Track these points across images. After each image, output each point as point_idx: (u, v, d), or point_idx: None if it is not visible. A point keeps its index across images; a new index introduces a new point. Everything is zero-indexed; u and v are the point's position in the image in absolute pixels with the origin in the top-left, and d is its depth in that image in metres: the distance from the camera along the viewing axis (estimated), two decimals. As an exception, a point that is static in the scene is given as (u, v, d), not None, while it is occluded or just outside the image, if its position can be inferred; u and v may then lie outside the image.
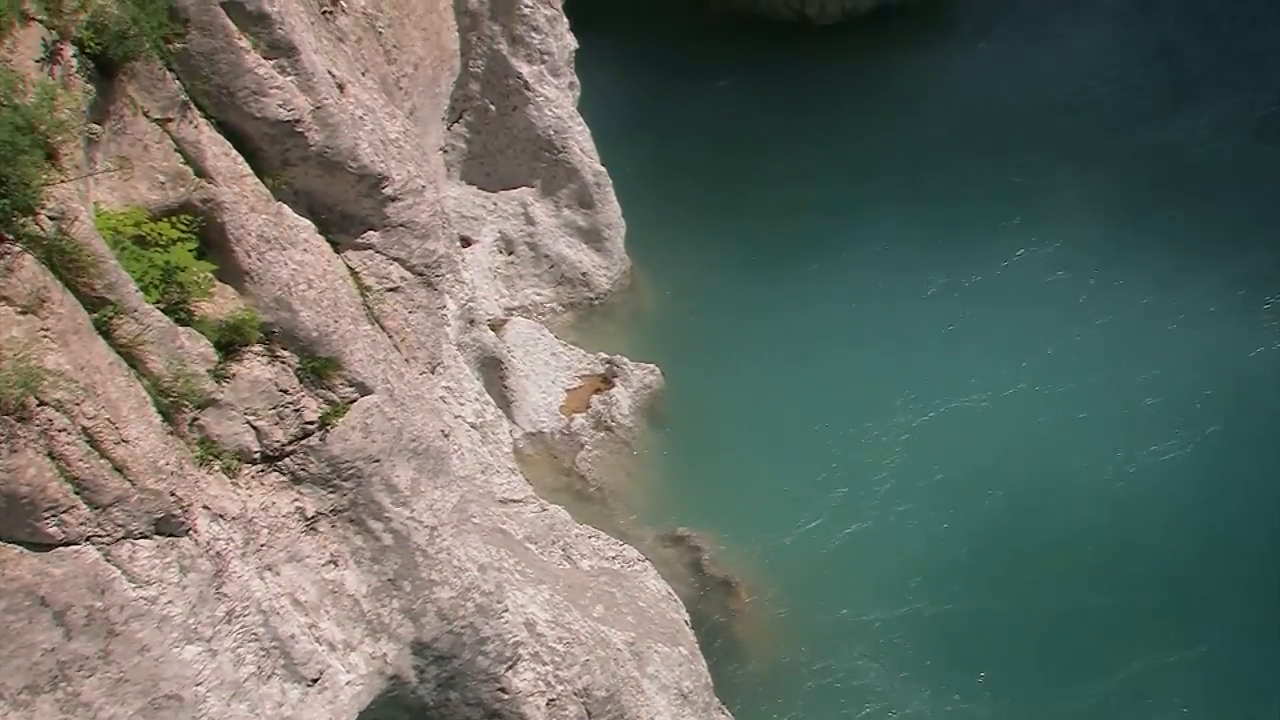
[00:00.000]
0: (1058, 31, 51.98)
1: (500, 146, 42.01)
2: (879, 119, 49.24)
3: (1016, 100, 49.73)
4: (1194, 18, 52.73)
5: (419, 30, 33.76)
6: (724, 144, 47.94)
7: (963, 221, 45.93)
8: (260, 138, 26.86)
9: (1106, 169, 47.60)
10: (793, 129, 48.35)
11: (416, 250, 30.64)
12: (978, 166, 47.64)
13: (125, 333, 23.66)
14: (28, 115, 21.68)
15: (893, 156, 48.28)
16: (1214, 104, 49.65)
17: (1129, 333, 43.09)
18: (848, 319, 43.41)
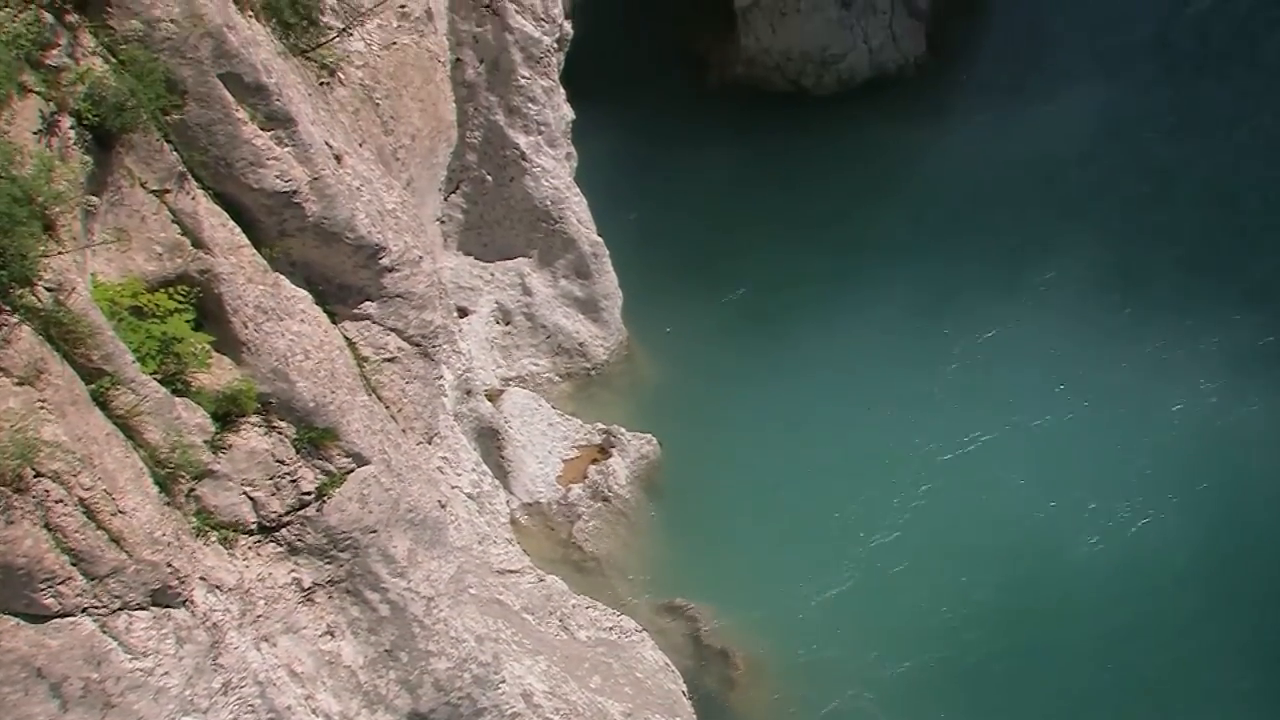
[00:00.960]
0: (1054, 99, 52.14)
1: (497, 217, 42.09)
2: (875, 188, 49.37)
3: (1012, 169, 49.86)
4: (1194, 83, 52.85)
5: (416, 102, 33.85)
6: (721, 214, 48.02)
7: (959, 290, 45.96)
8: (258, 208, 26.91)
9: (1104, 236, 47.67)
10: (790, 199, 48.45)
11: (414, 321, 30.65)
12: (973, 235, 47.71)
13: (122, 403, 23.66)
14: (25, 187, 21.72)
15: (889, 225, 48.37)
16: (1213, 172, 49.73)
17: (1125, 399, 43.07)
18: (845, 387, 43.39)
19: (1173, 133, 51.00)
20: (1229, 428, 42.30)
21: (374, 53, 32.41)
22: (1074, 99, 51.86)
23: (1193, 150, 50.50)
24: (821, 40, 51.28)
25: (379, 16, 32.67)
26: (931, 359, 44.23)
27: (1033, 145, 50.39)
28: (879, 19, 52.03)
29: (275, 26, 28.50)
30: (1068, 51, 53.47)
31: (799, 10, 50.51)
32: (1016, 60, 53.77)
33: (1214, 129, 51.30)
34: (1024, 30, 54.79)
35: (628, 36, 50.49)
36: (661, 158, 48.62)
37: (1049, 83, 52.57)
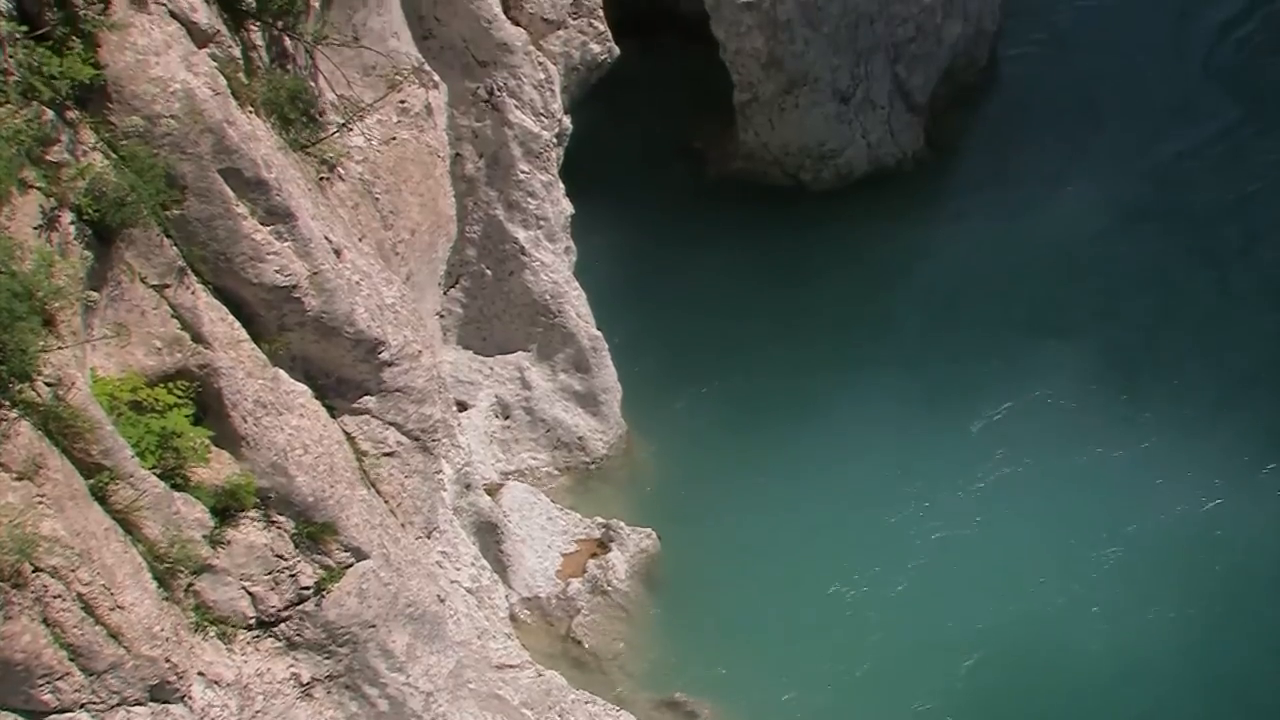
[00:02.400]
0: (1052, 196, 52.23)
1: (497, 311, 42.15)
2: (874, 283, 49.41)
3: (1011, 264, 49.90)
4: (1198, 185, 53.01)
5: (416, 196, 34.00)
6: (720, 308, 48.05)
7: (959, 383, 45.96)
8: (257, 303, 26.98)
9: (1103, 332, 47.69)
10: (788, 293, 48.51)
11: (413, 415, 30.69)
12: (972, 330, 47.73)
13: (121, 498, 23.67)
14: (26, 282, 21.79)
15: (888, 320, 48.42)
16: (1214, 266, 49.83)
17: (1124, 492, 43.01)
18: (844, 482, 43.32)
19: (1169, 227, 51.10)
20: (1231, 523, 42.21)
21: (374, 148, 32.57)
22: (1072, 196, 52.00)
23: (1190, 244, 50.62)
24: (819, 135, 51.48)
25: (379, 112, 32.86)
26: (932, 451, 44.18)
27: (1031, 241, 50.50)
28: (877, 114, 52.25)
29: (275, 122, 28.66)
30: (1065, 148, 53.65)
31: (797, 105, 50.71)
32: (1014, 156, 53.95)
33: (1211, 223, 51.41)
34: (1022, 126, 55.02)
35: (627, 131, 50.70)
36: (661, 252, 48.72)
37: (1047, 179, 52.72)
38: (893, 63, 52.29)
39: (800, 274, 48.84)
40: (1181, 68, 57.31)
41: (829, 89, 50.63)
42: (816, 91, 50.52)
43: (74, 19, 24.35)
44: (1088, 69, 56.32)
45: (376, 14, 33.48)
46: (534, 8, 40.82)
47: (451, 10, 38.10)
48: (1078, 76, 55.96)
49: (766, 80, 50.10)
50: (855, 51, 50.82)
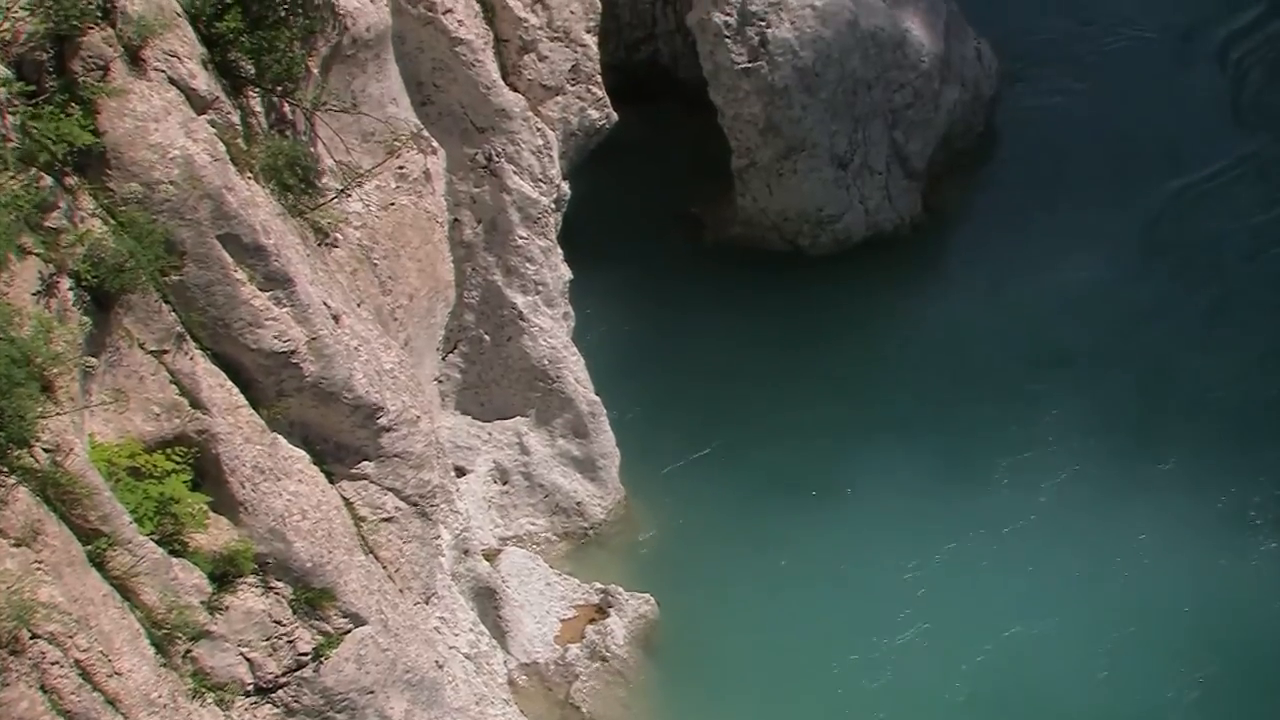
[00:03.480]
0: (1050, 265, 52.06)
1: (495, 376, 42.17)
2: (873, 349, 49.36)
3: (1010, 329, 49.83)
4: (1204, 253, 53.01)
5: (414, 262, 34.07)
6: (719, 373, 48.02)
7: (960, 449, 45.89)
8: (256, 369, 27.03)
9: (1108, 395, 47.62)
10: (787, 358, 48.46)
11: (411, 480, 30.70)
12: (973, 397, 47.64)
13: (119, 565, 23.66)
14: (24, 348, 21.83)
15: (888, 387, 48.35)
16: (1220, 333, 49.79)
17: (1132, 560, 42.93)
18: (845, 547, 43.22)
19: (1171, 289, 51.07)
20: (1238, 589, 42.16)
21: (372, 214, 32.67)
22: (1072, 260, 51.89)
23: (1194, 299, 50.59)
24: (817, 201, 51.51)
25: (377, 178, 32.97)
26: (935, 515, 44.10)
27: (1031, 305, 50.42)
28: (875, 180, 52.31)
29: (274, 188, 28.77)
30: (1065, 212, 53.57)
31: (795, 171, 50.77)
32: (1013, 221, 53.89)
33: (1217, 277, 51.38)
34: (1020, 191, 54.95)
35: (625, 197, 50.72)
36: (659, 317, 48.71)
37: (1046, 243, 52.63)
38: (890, 128, 52.42)
39: (799, 339, 48.82)
40: (1183, 115, 57.18)
41: (827, 154, 50.73)
42: (814, 157, 50.60)
43: (73, 85, 24.48)
44: (1087, 131, 56.31)
45: (375, 80, 33.62)
46: (532, 74, 40.98)
47: (450, 76, 38.26)
48: (1077, 139, 55.94)
49: (764, 146, 50.20)
50: (853, 117, 50.94)
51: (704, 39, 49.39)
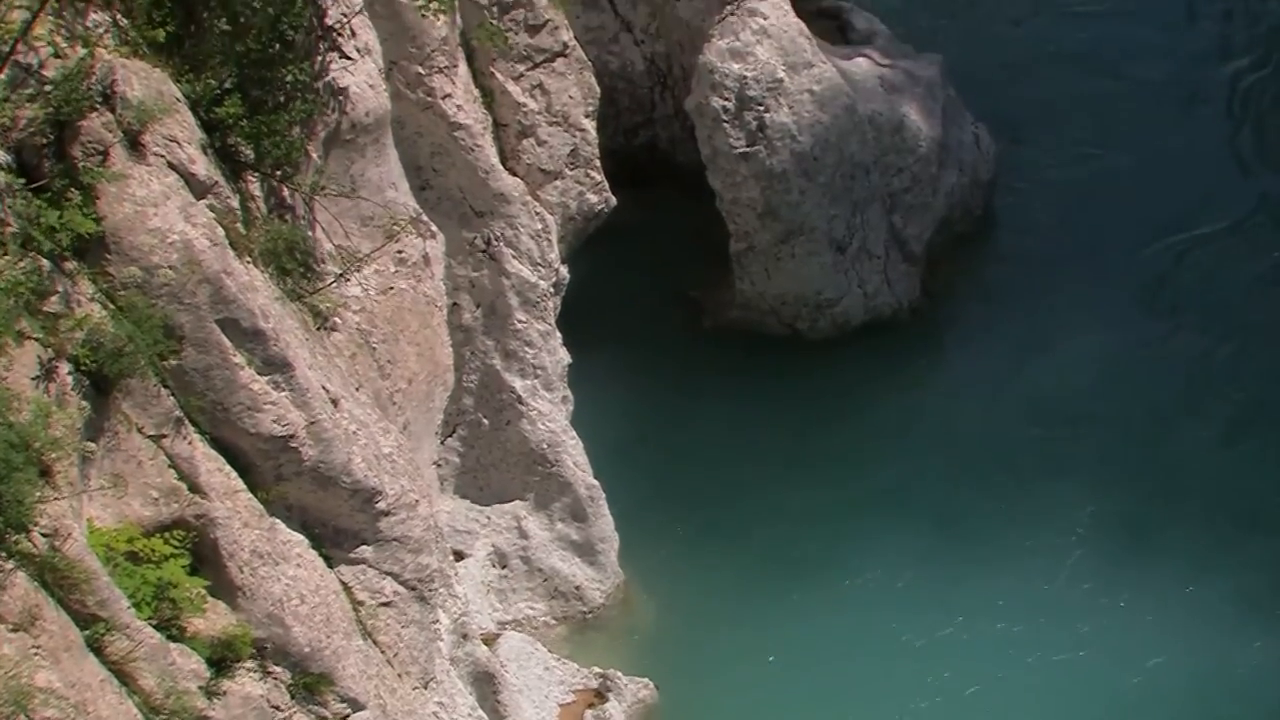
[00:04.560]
0: (1050, 349, 52.00)
1: (493, 460, 42.13)
2: (873, 434, 49.24)
3: (1012, 412, 49.73)
4: (1209, 324, 52.98)
5: (413, 346, 34.13)
6: (718, 457, 47.96)
7: (960, 532, 45.80)
8: (254, 453, 27.05)
9: (1111, 480, 47.52)
10: (785, 441, 48.41)
11: (410, 565, 30.68)
12: (973, 478, 47.55)
13: (117, 650, 23.61)
14: (23, 433, 21.87)
15: (887, 468, 48.24)
16: (1228, 408, 49.74)
17: (1132, 648, 42.80)
18: (845, 630, 43.12)
19: (1168, 380, 51.00)
20: (1242, 673, 42.02)
21: (371, 298, 32.74)
22: (1071, 349, 51.76)
23: (1195, 387, 50.53)
24: (816, 285, 51.55)
25: (376, 262, 33.07)
26: (934, 601, 43.99)
27: (1032, 391, 50.32)
28: (873, 264, 52.38)
29: (273, 272, 28.87)
30: (1064, 295, 53.50)
31: (794, 255, 50.84)
32: (1011, 305, 53.86)
33: (1217, 367, 51.32)
34: (1019, 275, 54.90)
35: (623, 280, 50.76)
36: (657, 401, 48.69)
37: (1045, 331, 52.55)
38: (889, 213, 52.55)
39: (798, 422, 48.79)
40: (1189, 169, 57.13)
41: (825, 239, 50.81)
42: (812, 241, 50.68)
43: (73, 170, 24.59)
44: (1088, 202, 56.24)
45: (374, 165, 33.76)
46: (531, 158, 41.15)
47: (449, 161, 38.41)
48: (1077, 213, 55.90)
49: (762, 230, 50.31)
50: (851, 201, 51.06)
51: (702, 124, 49.57)
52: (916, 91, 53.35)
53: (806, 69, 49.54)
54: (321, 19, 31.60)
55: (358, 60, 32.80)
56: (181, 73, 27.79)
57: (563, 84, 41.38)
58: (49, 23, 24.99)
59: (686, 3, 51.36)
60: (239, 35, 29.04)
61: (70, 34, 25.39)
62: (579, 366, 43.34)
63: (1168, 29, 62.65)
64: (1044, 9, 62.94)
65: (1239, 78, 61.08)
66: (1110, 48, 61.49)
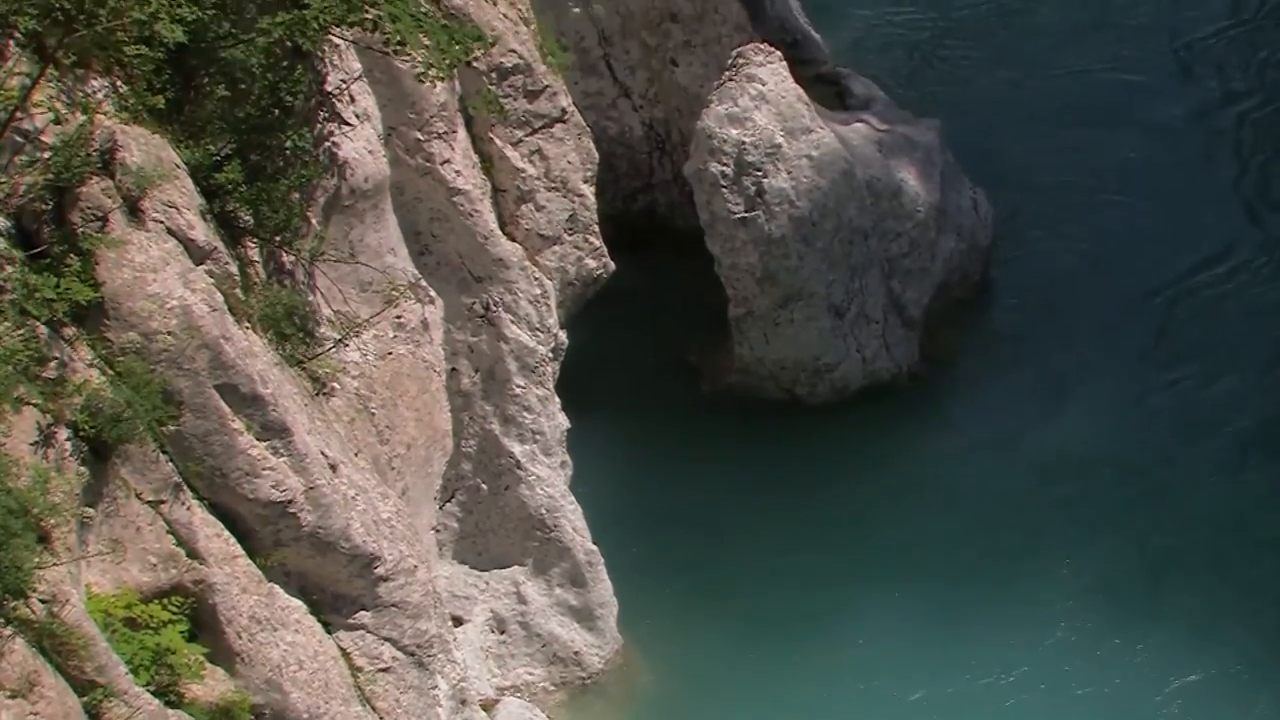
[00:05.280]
0: (1049, 414, 52.00)
1: (492, 525, 42.08)
2: (873, 499, 49.14)
3: (1011, 479, 49.62)
4: (1211, 378, 52.95)
5: (412, 411, 34.14)
6: (717, 523, 47.90)
7: (959, 600, 45.67)
8: (253, 518, 27.04)
9: (1110, 548, 47.42)
10: (784, 506, 48.34)
11: (408, 630, 30.63)
12: (972, 545, 47.46)
13: (115, 716, 23.57)
14: (21, 499, 21.87)
15: (885, 534, 48.17)
16: (1225, 470, 49.69)
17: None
18: (844, 694, 43.01)
19: (1169, 439, 50.96)
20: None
21: (370, 363, 32.77)
22: (1070, 414, 51.79)
23: (1195, 452, 50.50)
24: (815, 350, 51.58)
25: (375, 327, 33.11)
26: (936, 668, 43.91)
27: (1030, 458, 50.26)
28: (872, 329, 52.42)
29: (272, 337, 28.91)
30: (1063, 361, 53.47)
31: (792, 320, 50.88)
32: (1010, 370, 53.84)
33: (1212, 442, 51.23)
34: (1018, 340, 54.90)
35: (622, 345, 50.80)
36: (656, 465, 48.65)
37: (1046, 395, 52.54)
38: (887, 278, 52.62)
39: (797, 488, 48.74)
40: (1191, 220, 57.18)
41: (824, 304, 50.86)
42: (811, 306, 50.73)
43: (72, 236, 24.66)
44: (1087, 265, 56.24)
45: (374, 230, 33.83)
46: (530, 224, 41.24)
47: (448, 226, 38.49)
48: (1075, 284, 55.90)
49: (761, 295, 50.37)
50: (849, 266, 51.14)
51: (700, 189, 49.70)
52: (914, 156, 53.51)
53: (805, 134, 49.68)
54: (321, 85, 31.72)
55: (357, 126, 32.90)
56: (181, 138, 27.90)
57: (561, 149, 41.50)
58: (49, 89, 25.09)
59: (685, 68, 51.65)
60: (238, 101, 29.16)
61: (70, 100, 25.49)
62: (578, 431, 43.34)
63: (1163, 83, 62.84)
64: (1040, 70, 63.04)
65: (1240, 124, 61.25)
66: (1107, 105, 61.65)
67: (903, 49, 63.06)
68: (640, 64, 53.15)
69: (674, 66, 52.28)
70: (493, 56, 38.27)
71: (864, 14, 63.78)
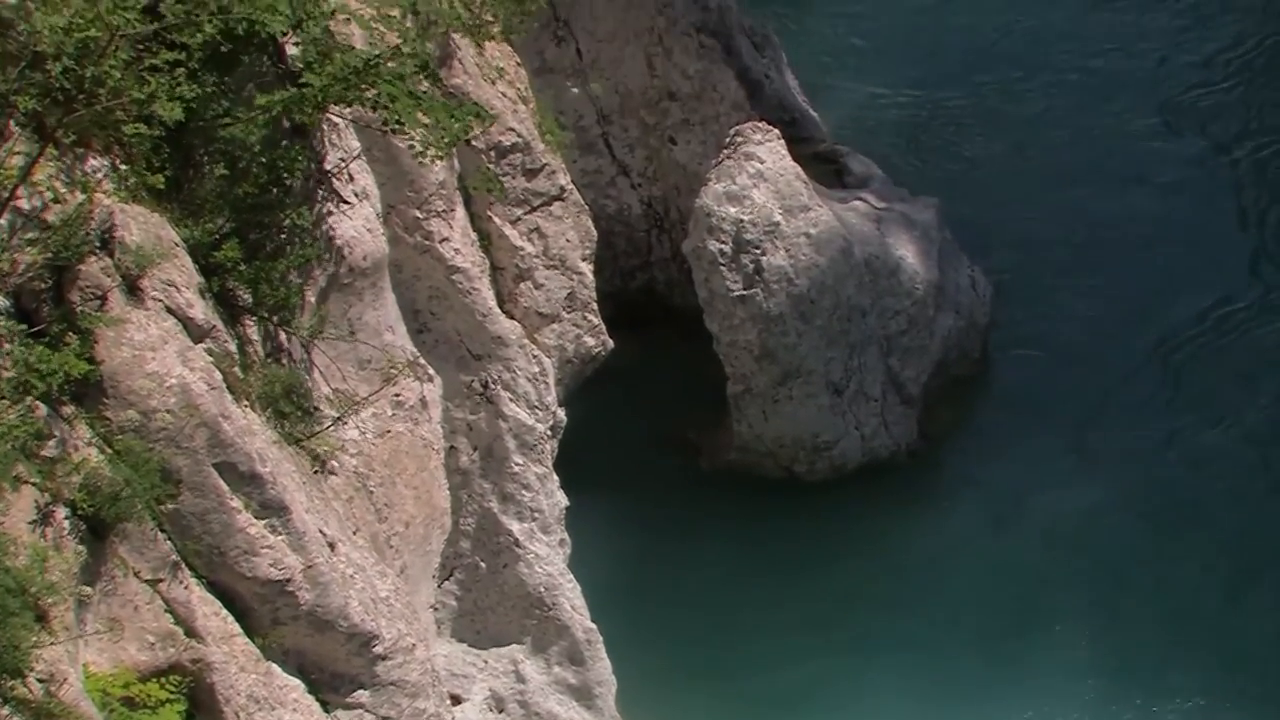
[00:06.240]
0: (1049, 486, 52.00)
1: (491, 604, 41.95)
2: (872, 578, 49.07)
3: (1010, 558, 49.56)
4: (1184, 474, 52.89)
5: (410, 489, 34.10)
6: (714, 601, 47.86)
7: (957, 681, 45.62)
8: (251, 597, 26.99)
9: (1106, 631, 47.34)
10: (782, 584, 48.29)
11: (407, 709, 30.53)
12: (970, 625, 47.47)
13: (111, 795, 23.41)
14: (19, 578, 21.84)
15: (887, 614, 48.07)
16: (1224, 558, 49.57)
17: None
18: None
19: (1169, 518, 50.86)
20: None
21: (369, 441, 32.76)
22: (1072, 491, 51.74)
23: (1195, 536, 50.38)
24: (813, 427, 51.61)
25: (374, 405, 33.11)
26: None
27: (1028, 537, 50.28)
28: (870, 406, 52.46)
29: (270, 415, 28.91)
30: (1061, 440, 53.46)
31: (791, 397, 50.94)
32: (1009, 449, 53.79)
33: (1220, 519, 51.13)
34: (1016, 418, 54.86)
35: (620, 423, 50.84)
36: (655, 543, 48.63)
37: (1045, 474, 52.46)
38: (885, 355, 52.69)
39: (796, 566, 48.72)
40: (1190, 300, 57.21)
41: (822, 381, 50.93)
42: (810, 384, 50.79)
43: (71, 315, 24.68)
44: (1085, 351, 56.21)
45: (372, 309, 33.86)
46: (529, 301, 41.28)
47: (447, 304, 38.52)
48: (1074, 360, 55.92)
49: (760, 372, 50.43)
50: (848, 344, 51.22)
51: (699, 266, 49.82)
52: (912, 234, 53.67)
53: (803, 212, 49.84)
54: (320, 164, 31.81)
55: (356, 204, 32.98)
56: (180, 217, 27.94)
57: (560, 227, 41.60)
58: (48, 167, 25.15)
59: (684, 146, 51.85)
60: (237, 179, 29.23)
61: (69, 179, 25.55)
62: (576, 509, 43.28)
63: (1158, 145, 62.98)
64: (1035, 139, 63.20)
65: (1236, 173, 61.34)
66: (1105, 166, 61.81)
67: (899, 126, 63.32)
68: (639, 142, 53.35)
69: (672, 144, 52.48)
70: (491, 135, 38.41)
71: (862, 92, 64.06)
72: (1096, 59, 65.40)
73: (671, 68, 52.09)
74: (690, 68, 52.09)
